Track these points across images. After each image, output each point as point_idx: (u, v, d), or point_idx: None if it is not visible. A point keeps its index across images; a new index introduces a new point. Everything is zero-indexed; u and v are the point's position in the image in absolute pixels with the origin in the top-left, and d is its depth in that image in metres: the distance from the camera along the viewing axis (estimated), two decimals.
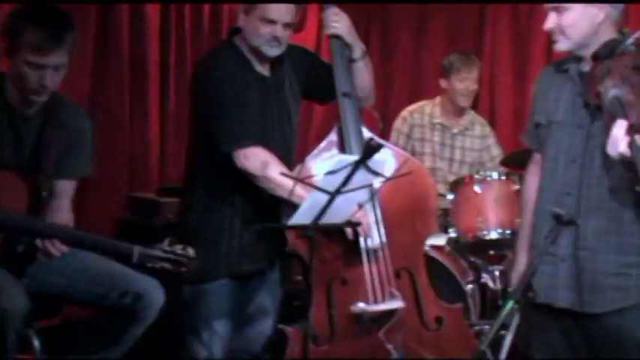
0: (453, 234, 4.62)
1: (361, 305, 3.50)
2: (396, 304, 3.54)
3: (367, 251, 3.53)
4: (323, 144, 3.61)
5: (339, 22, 3.61)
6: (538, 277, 2.95)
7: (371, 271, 3.53)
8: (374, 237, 3.54)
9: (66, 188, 3.36)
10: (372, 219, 3.52)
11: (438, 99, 5.21)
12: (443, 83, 5.15)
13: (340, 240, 3.49)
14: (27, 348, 3.30)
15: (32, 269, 3.27)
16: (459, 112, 5.18)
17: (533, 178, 3.21)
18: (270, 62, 3.57)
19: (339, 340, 3.48)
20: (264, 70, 3.56)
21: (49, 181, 3.28)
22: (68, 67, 3.21)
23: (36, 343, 3.29)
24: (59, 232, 3.15)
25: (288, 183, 3.35)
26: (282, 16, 3.45)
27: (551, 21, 3.02)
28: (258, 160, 3.41)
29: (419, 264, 3.68)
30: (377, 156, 3.20)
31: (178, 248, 3.17)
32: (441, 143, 5.16)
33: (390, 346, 3.51)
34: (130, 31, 5.23)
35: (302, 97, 3.72)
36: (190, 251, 3.18)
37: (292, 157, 3.60)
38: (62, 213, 3.31)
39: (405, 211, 3.63)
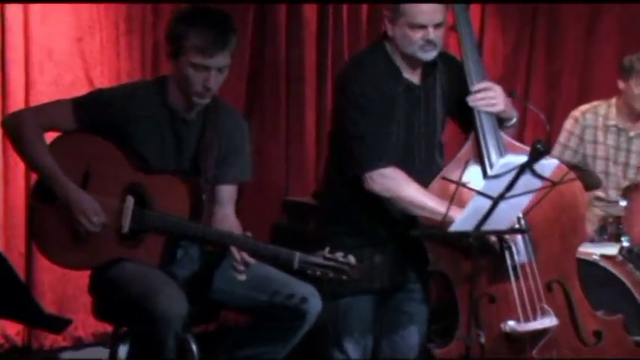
0: (625, 243, 4.51)
1: (511, 324, 3.46)
2: (548, 321, 3.48)
3: (513, 267, 3.48)
4: (459, 155, 3.54)
5: (495, 99, 3.51)
6: None
7: (519, 287, 3.49)
8: (520, 251, 3.49)
9: (228, 194, 3.46)
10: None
11: (613, 100, 5.07)
12: (620, 84, 5.00)
13: (484, 255, 3.44)
14: (185, 353, 3.38)
15: (192, 274, 3.40)
16: (637, 115, 5.04)
17: None
18: (423, 69, 3.54)
19: None
20: (414, 77, 3.54)
21: (209, 185, 3.38)
22: (228, 69, 3.31)
23: (193, 348, 3.37)
24: (221, 238, 3.24)
25: (424, 202, 3.36)
26: (430, 18, 3.40)
27: None
28: (387, 182, 3.40)
29: (572, 275, 3.60)
30: (544, 159, 3.17)
31: (340, 256, 3.19)
32: (615, 147, 5.03)
33: None
34: (287, 33, 5.33)
35: (451, 117, 3.68)
36: (352, 259, 3.19)
37: (436, 169, 3.54)
38: (229, 221, 3.40)
39: (553, 219, 3.56)
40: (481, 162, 3.52)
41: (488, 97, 3.51)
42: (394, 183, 3.41)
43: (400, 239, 3.50)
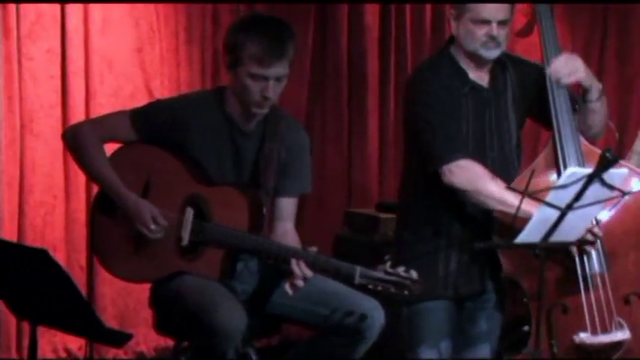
0: None
1: (582, 336, 3.45)
2: (621, 334, 3.46)
3: (585, 277, 3.46)
4: (534, 163, 3.51)
5: (577, 69, 3.49)
6: None
7: (588, 299, 3.47)
8: (593, 262, 3.47)
9: (288, 208, 3.48)
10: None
11: None
12: None
13: (558, 263, 3.43)
14: None
15: (252, 288, 3.43)
16: None
17: None
18: (490, 72, 3.56)
19: None
20: (481, 80, 3.55)
21: (269, 197, 3.41)
22: (287, 78, 3.34)
23: None
24: (282, 251, 3.26)
25: (502, 195, 3.35)
26: (494, 13, 3.43)
27: None
28: (466, 174, 3.41)
29: None
30: (613, 169, 3.15)
31: (401, 270, 3.18)
32: None
33: None
34: (349, 40, 5.36)
35: (530, 117, 3.68)
36: (413, 274, 3.18)
37: (513, 175, 3.53)
38: (290, 237, 3.43)
39: (633, 231, 3.53)
40: (557, 170, 3.50)
41: (569, 66, 3.50)
42: (473, 175, 3.42)
43: (484, 241, 3.49)
